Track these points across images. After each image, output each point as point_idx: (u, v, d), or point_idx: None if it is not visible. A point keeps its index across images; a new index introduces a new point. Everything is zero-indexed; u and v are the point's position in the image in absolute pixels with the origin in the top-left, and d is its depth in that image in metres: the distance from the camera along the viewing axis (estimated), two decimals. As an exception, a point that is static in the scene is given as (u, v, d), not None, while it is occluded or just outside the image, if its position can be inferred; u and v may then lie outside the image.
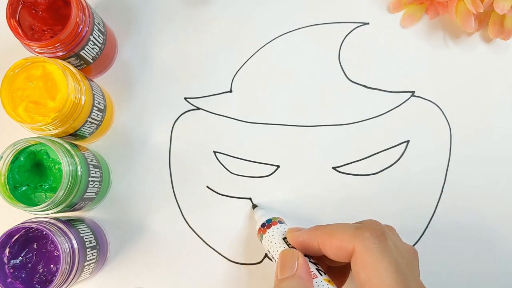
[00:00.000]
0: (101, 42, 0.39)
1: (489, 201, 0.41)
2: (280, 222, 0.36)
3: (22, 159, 0.35)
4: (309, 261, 0.32)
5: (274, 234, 0.35)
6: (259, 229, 0.37)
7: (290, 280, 0.30)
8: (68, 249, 0.33)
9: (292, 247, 0.33)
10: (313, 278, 0.30)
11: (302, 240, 0.32)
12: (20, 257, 0.34)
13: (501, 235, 0.40)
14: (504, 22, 0.40)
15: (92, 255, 0.37)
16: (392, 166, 0.41)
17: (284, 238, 0.34)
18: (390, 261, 0.28)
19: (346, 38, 0.43)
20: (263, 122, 0.42)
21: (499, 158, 0.41)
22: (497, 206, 0.40)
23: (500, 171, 0.41)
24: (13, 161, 0.35)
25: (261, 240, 0.36)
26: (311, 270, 0.31)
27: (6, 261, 0.34)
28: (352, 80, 0.42)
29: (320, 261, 0.33)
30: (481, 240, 0.40)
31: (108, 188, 0.41)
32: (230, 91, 0.42)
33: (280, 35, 0.43)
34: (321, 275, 0.31)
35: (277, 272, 0.31)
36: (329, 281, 0.30)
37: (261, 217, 0.38)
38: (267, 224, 0.36)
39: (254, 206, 0.40)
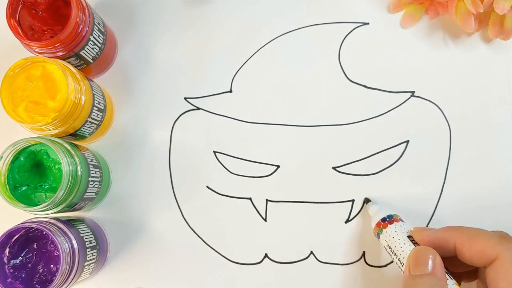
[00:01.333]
0: (101, 42, 0.39)
1: (489, 201, 0.40)
2: (401, 220, 0.36)
3: (22, 159, 0.35)
4: None
5: (397, 230, 0.35)
6: (379, 223, 0.36)
7: (427, 278, 0.29)
8: (68, 249, 0.33)
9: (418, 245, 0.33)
10: None
11: (434, 238, 0.32)
12: (20, 257, 0.34)
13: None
14: (504, 22, 0.40)
15: (92, 255, 0.37)
16: (392, 166, 0.41)
17: (409, 236, 0.34)
18: None
19: (346, 38, 0.43)
20: (263, 122, 0.42)
21: (499, 158, 0.41)
22: (497, 206, 0.40)
23: (500, 171, 0.41)
24: (13, 161, 0.35)
25: (378, 234, 0.36)
26: None
27: (6, 261, 0.34)
28: (352, 80, 0.42)
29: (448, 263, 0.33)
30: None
31: (108, 188, 0.41)
32: (230, 91, 0.42)
33: (280, 35, 0.43)
34: (451, 278, 0.31)
35: (407, 267, 0.31)
36: (458, 286, 0.30)
37: (378, 211, 0.37)
38: (389, 220, 0.36)
39: (367, 200, 0.40)
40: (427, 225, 0.40)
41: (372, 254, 0.40)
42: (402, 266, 0.33)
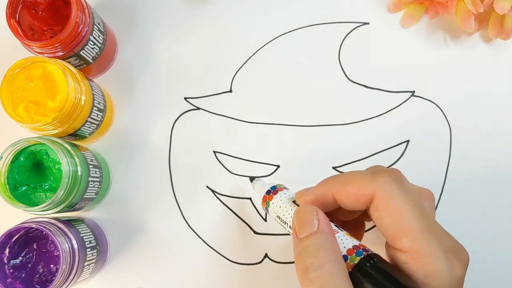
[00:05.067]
0: (101, 42, 0.39)
1: (489, 201, 0.40)
2: (285, 188, 0.35)
3: (22, 159, 0.35)
4: None
5: (283, 198, 0.34)
6: (264, 196, 0.35)
7: (314, 237, 0.28)
8: (68, 249, 0.33)
9: None
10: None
11: (314, 196, 0.31)
12: (20, 257, 0.34)
13: (501, 235, 0.40)
14: (504, 22, 0.40)
15: (92, 255, 0.37)
16: (392, 166, 0.41)
17: (294, 202, 0.33)
18: (415, 204, 0.27)
19: (346, 38, 0.43)
20: (263, 122, 0.42)
21: (499, 158, 0.41)
22: (497, 206, 0.40)
23: (500, 171, 0.41)
24: (13, 161, 0.35)
25: (267, 208, 0.35)
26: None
27: (6, 261, 0.34)
28: (352, 80, 0.42)
29: (333, 217, 0.32)
30: (481, 240, 0.40)
31: (108, 188, 0.41)
32: (230, 91, 0.42)
33: (280, 35, 0.43)
34: (341, 230, 0.30)
35: (294, 232, 0.29)
36: (350, 235, 0.29)
37: (263, 186, 0.36)
38: (273, 191, 0.35)
39: (252, 178, 0.39)
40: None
41: (372, 254, 0.40)
42: None
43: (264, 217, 0.41)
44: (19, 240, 0.34)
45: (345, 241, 0.28)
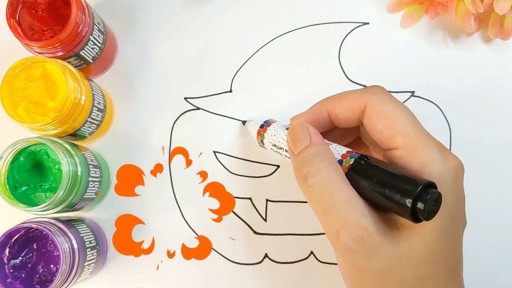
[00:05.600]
0: (101, 42, 0.39)
1: (489, 201, 0.40)
2: (277, 121, 0.36)
3: (22, 159, 0.35)
4: None
5: (276, 128, 0.35)
6: (259, 131, 0.37)
7: (308, 149, 0.29)
8: (68, 249, 0.33)
9: None
10: None
11: (308, 116, 0.32)
12: (20, 257, 0.34)
13: (501, 236, 0.40)
14: (504, 22, 0.40)
15: (92, 255, 0.37)
16: (392, 166, 0.41)
17: (287, 128, 0.34)
18: (404, 107, 0.29)
19: (346, 38, 0.43)
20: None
21: (499, 158, 0.41)
22: (497, 206, 0.40)
23: (500, 171, 0.41)
24: (13, 161, 0.35)
25: (262, 141, 0.37)
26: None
27: (6, 261, 0.34)
28: (352, 80, 0.42)
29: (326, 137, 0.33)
30: (481, 240, 0.40)
31: (108, 188, 0.41)
32: (230, 91, 0.42)
33: (280, 35, 0.43)
34: (333, 143, 0.31)
35: (290, 150, 0.31)
36: (343, 146, 0.30)
37: (255, 124, 0.38)
38: (266, 124, 0.37)
39: (244, 121, 0.40)
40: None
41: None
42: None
43: (264, 217, 0.41)
44: (19, 240, 0.34)
45: (338, 149, 0.30)
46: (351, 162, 0.28)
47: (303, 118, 0.32)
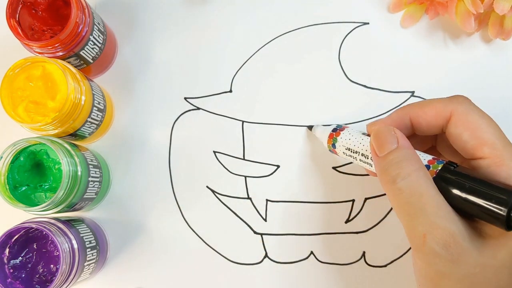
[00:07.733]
0: (101, 42, 0.39)
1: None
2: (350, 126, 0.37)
3: (22, 159, 0.35)
4: None
5: (351, 132, 0.35)
6: (331, 134, 0.37)
7: (396, 152, 0.29)
8: (68, 249, 0.33)
9: None
10: None
11: (389, 123, 0.32)
12: (20, 257, 0.34)
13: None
14: (504, 23, 0.40)
15: (92, 255, 0.37)
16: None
17: (364, 134, 0.34)
18: (490, 119, 0.30)
19: (346, 38, 0.43)
20: (263, 122, 0.42)
21: (499, 158, 0.41)
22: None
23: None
24: (13, 161, 0.35)
25: (334, 145, 0.36)
26: None
27: (6, 261, 0.34)
28: (352, 80, 0.42)
29: None
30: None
31: (108, 188, 0.41)
32: (230, 91, 0.42)
33: (280, 35, 0.43)
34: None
35: (373, 152, 0.30)
36: (424, 152, 0.31)
37: (324, 129, 0.38)
38: (340, 128, 0.36)
39: (310, 127, 0.41)
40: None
41: (372, 254, 0.40)
42: (367, 159, 0.33)
43: (264, 217, 0.41)
44: (19, 240, 0.34)
45: (423, 155, 0.30)
46: (439, 168, 0.29)
47: (385, 124, 0.32)
